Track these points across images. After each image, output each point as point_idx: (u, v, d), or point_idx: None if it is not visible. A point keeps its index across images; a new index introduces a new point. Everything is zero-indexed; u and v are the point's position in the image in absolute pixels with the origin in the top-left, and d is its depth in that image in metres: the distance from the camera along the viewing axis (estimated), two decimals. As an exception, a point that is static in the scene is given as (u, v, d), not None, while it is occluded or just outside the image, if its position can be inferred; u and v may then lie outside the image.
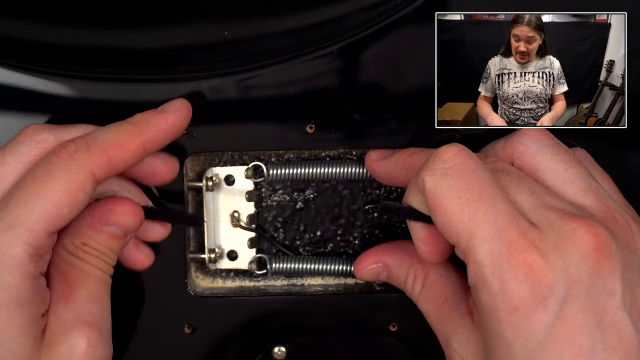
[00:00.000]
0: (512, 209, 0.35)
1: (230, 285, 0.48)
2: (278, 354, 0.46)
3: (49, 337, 0.37)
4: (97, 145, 0.37)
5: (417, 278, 0.41)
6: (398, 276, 0.42)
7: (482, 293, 0.34)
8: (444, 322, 0.39)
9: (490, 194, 0.35)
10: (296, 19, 0.44)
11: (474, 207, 0.34)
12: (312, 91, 0.44)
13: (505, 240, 0.33)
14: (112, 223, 0.40)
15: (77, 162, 0.37)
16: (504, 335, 0.33)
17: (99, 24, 0.43)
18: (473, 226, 0.34)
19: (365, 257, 0.44)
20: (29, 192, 0.36)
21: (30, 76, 0.43)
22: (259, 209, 0.48)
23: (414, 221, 0.38)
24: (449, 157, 0.35)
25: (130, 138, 0.39)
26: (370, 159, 0.44)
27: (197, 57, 0.45)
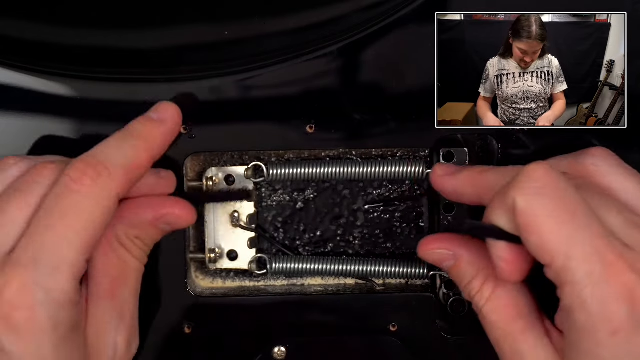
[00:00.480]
0: (605, 229, 0.34)
1: (230, 285, 0.48)
2: (278, 354, 0.46)
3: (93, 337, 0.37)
4: (118, 168, 0.37)
5: (487, 284, 0.39)
6: (465, 273, 0.40)
7: (579, 314, 0.33)
8: (516, 339, 0.37)
9: (584, 214, 0.34)
10: (296, 19, 0.44)
11: (571, 227, 0.34)
12: (312, 91, 0.44)
13: (605, 262, 0.33)
14: (171, 223, 0.40)
15: (102, 188, 0.36)
16: (602, 357, 0.33)
17: (99, 24, 0.43)
18: (570, 247, 0.33)
19: (438, 239, 0.41)
20: (65, 228, 0.35)
21: (30, 76, 0.43)
22: (259, 209, 0.48)
23: (497, 240, 0.37)
24: (539, 176, 0.35)
25: (144, 155, 0.38)
26: (436, 174, 0.42)
27: (197, 57, 0.45)
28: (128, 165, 0.37)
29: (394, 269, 0.47)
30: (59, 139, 0.44)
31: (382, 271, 0.47)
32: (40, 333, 0.34)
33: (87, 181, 0.36)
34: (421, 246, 0.42)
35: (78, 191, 0.35)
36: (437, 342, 0.46)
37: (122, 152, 0.37)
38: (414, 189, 0.48)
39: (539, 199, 0.34)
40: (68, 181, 0.36)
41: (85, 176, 0.36)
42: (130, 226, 0.39)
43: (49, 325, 0.34)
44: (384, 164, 0.46)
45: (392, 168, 0.46)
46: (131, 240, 0.39)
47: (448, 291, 0.47)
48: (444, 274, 0.47)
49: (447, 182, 0.42)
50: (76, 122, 0.44)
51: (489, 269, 0.39)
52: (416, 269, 0.47)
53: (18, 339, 0.33)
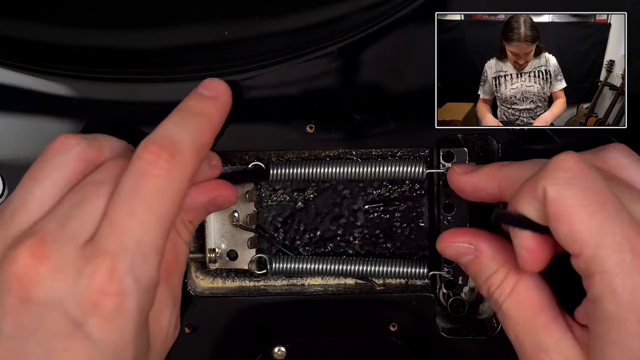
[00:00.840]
0: (633, 219, 0.34)
1: (230, 285, 0.48)
2: (278, 354, 0.46)
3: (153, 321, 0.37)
4: (188, 147, 0.36)
5: (508, 279, 0.39)
6: (485, 268, 0.40)
7: (608, 304, 0.33)
8: (539, 334, 0.37)
9: (614, 204, 0.34)
10: (296, 19, 0.44)
11: (601, 216, 0.34)
12: (312, 91, 0.44)
13: (636, 251, 0.33)
14: (220, 205, 0.41)
15: (178, 170, 0.35)
16: (631, 347, 0.33)
17: (99, 24, 0.43)
18: (601, 236, 0.34)
19: (459, 233, 0.41)
20: (148, 213, 0.34)
21: (30, 76, 0.43)
22: (259, 209, 0.48)
23: (522, 229, 0.37)
24: (570, 166, 0.35)
25: (208, 132, 0.38)
26: (455, 172, 0.42)
27: (197, 57, 0.45)
28: (197, 144, 0.37)
29: (394, 269, 0.47)
30: (59, 139, 0.44)
31: (382, 271, 0.47)
32: (127, 319, 0.33)
33: (163, 164, 0.35)
34: (441, 239, 0.41)
35: (156, 175, 0.35)
36: (437, 342, 0.46)
37: (188, 131, 0.37)
38: (414, 189, 0.48)
39: (570, 189, 0.34)
40: (144, 165, 0.35)
41: (160, 159, 0.35)
42: (186, 210, 0.39)
43: (136, 312, 0.34)
44: (384, 164, 0.46)
45: (392, 168, 0.46)
46: (185, 224, 0.40)
47: (448, 291, 0.47)
48: (444, 274, 0.47)
49: (466, 179, 0.42)
50: (76, 122, 0.44)
51: (510, 264, 0.39)
52: (416, 269, 0.47)
53: (105, 325, 0.33)
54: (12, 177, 0.44)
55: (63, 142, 0.37)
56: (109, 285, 0.33)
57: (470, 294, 0.48)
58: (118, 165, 0.37)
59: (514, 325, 0.38)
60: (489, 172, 0.41)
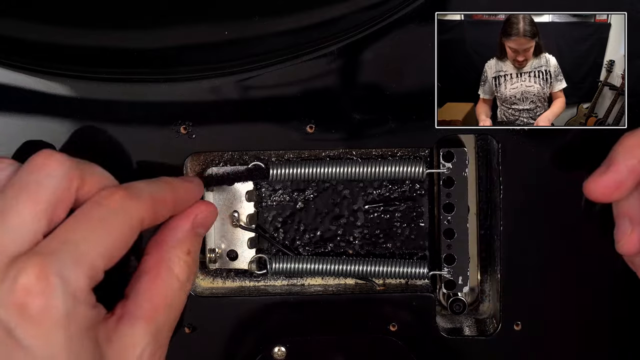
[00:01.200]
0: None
1: (230, 285, 0.48)
2: (278, 354, 0.46)
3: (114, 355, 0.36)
4: (145, 195, 0.38)
5: None
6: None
7: None
8: None
9: None
10: (296, 19, 0.44)
11: None
12: (312, 91, 0.44)
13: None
14: (203, 224, 0.41)
15: (130, 210, 0.37)
16: None
17: (99, 24, 0.43)
18: None
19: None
20: (90, 232, 0.35)
21: (30, 76, 0.43)
22: (259, 209, 0.48)
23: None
24: None
25: (169, 195, 0.39)
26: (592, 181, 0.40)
27: (197, 57, 0.45)
28: (154, 196, 0.38)
29: (394, 269, 0.47)
30: (59, 139, 0.44)
31: (382, 271, 0.47)
32: (54, 324, 0.33)
33: (117, 198, 0.37)
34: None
35: (107, 206, 0.36)
36: (437, 342, 0.46)
37: (149, 187, 0.39)
38: (414, 189, 0.48)
39: None
40: (99, 198, 0.37)
41: (116, 194, 0.37)
42: (178, 244, 0.40)
43: (63, 318, 0.33)
44: (384, 164, 0.46)
45: (392, 168, 0.46)
46: (180, 258, 0.40)
47: (448, 291, 0.47)
48: (444, 274, 0.47)
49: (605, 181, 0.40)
50: (76, 122, 0.44)
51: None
52: (416, 269, 0.47)
53: (31, 327, 0.33)
54: (12, 177, 0.44)
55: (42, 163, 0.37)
56: (35, 284, 0.33)
57: (470, 294, 0.48)
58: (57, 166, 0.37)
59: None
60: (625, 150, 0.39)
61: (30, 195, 0.35)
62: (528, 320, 0.46)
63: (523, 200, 0.45)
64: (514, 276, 0.45)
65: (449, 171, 0.46)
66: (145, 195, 0.38)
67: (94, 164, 0.39)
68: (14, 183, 0.36)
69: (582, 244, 0.45)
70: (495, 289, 0.47)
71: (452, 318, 0.48)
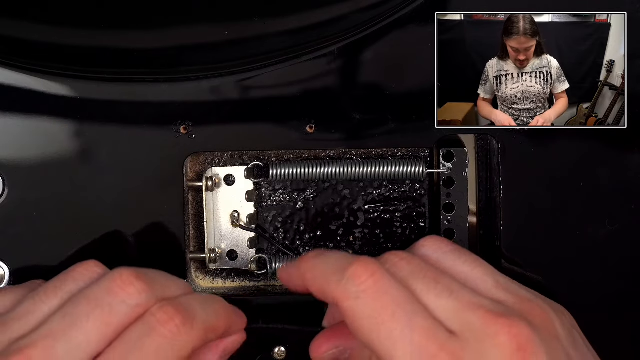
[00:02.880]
0: (429, 322, 0.35)
1: (230, 285, 0.48)
2: (278, 354, 0.46)
3: None
4: (200, 322, 0.37)
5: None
6: (361, 356, 0.40)
7: None
8: None
9: (405, 312, 0.35)
10: (296, 19, 0.44)
11: (389, 327, 0.34)
12: (312, 91, 0.44)
13: (425, 356, 0.34)
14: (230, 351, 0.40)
15: (183, 339, 0.36)
16: None
17: (99, 24, 0.43)
18: (390, 346, 0.34)
19: (323, 341, 0.41)
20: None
21: (30, 76, 0.43)
22: (259, 209, 0.48)
23: None
24: (362, 280, 0.36)
25: (222, 323, 0.39)
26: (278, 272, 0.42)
27: (197, 57, 0.45)
28: (209, 324, 0.37)
29: (394, 269, 0.47)
30: (59, 139, 0.44)
31: (382, 271, 0.47)
32: None
33: (173, 327, 0.35)
34: (313, 352, 0.41)
35: (163, 335, 0.35)
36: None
37: (205, 311, 0.37)
38: (414, 189, 0.48)
39: (360, 302, 0.35)
40: (154, 322, 0.35)
41: (172, 322, 0.35)
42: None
43: None
44: (384, 164, 0.46)
45: (392, 168, 0.46)
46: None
47: (448, 291, 0.47)
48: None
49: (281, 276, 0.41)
50: (76, 122, 0.44)
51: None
52: (416, 269, 0.47)
53: None
54: (12, 177, 0.44)
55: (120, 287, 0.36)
56: None
57: (470, 294, 0.48)
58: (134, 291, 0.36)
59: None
60: (298, 264, 0.40)
61: (104, 317, 0.35)
62: (528, 320, 0.46)
63: (523, 200, 0.45)
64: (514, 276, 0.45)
65: (449, 171, 0.46)
66: (200, 322, 0.36)
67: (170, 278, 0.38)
68: (89, 297, 0.36)
69: (582, 243, 0.45)
70: (495, 289, 0.47)
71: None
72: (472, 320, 0.35)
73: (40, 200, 0.44)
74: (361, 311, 0.35)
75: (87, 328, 0.35)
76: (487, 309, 0.35)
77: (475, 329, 0.35)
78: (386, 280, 0.36)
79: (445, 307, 0.36)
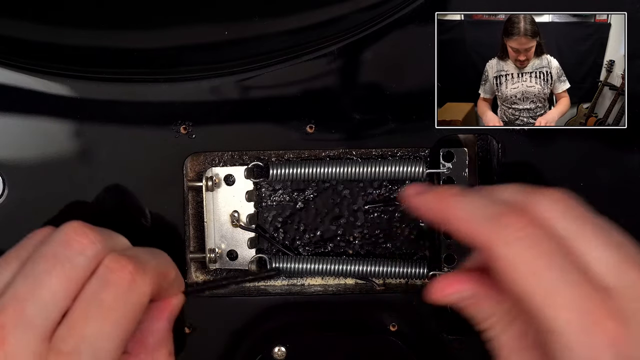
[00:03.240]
0: (584, 276, 0.34)
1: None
2: (278, 354, 0.46)
3: None
4: (152, 271, 0.37)
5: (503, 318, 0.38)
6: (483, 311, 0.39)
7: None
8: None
9: (560, 262, 0.34)
10: (296, 19, 0.44)
11: (545, 276, 0.33)
12: (312, 91, 0.44)
13: (583, 310, 0.33)
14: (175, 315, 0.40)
15: (138, 285, 0.36)
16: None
17: (99, 24, 0.43)
18: (544, 296, 0.33)
19: (455, 282, 0.39)
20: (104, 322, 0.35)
21: (30, 76, 0.43)
22: (259, 209, 0.48)
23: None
24: (520, 226, 0.34)
25: (170, 270, 0.39)
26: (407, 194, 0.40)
27: (197, 57, 0.45)
28: (160, 269, 0.38)
29: (394, 269, 0.47)
30: (59, 139, 0.44)
31: (382, 271, 0.47)
32: None
33: (127, 275, 0.36)
34: (435, 291, 0.39)
35: (119, 284, 0.35)
36: (437, 342, 0.46)
37: (155, 258, 0.38)
38: (414, 189, 0.48)
39: (516, 249, 0.34)
40: (108, 273, 0.36)
41: (125, 269, 0.36)
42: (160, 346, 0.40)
43: None
44: (384, 164, 0.46)
45: (392, 168, 0.46)
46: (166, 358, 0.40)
47: (448, 291, 0.47)
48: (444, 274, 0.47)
49: (418, 201, 0.40)
50: (76, 122, 0.44)
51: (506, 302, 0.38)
52: (416, 269, 0.47)
53: None
54: (12, 177, 0.44)
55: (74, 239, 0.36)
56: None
57: (470, 294, 0.48)
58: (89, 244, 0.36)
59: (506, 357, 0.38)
60: (439, 198, 0.39)
61: (65, 272, 0.35)
62: (528, 320, 0.46)
63: (523, 200, 0.45)
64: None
65: (449, 171, 0.46)
66: (151, 268, 0.37)
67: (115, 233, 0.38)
68: (46, 254, 0.36)
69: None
70: (495, 289, 0.47)
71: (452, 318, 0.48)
72: (628, 275, 0.34)
73: (40, 200, 0.44)
74: (515, 258, 0.34)
75: (50, 285, 0.35)
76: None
77: (634, 284, 0.33)
78: (543, 229, 0.35)
79: (603, 260, 0.34)
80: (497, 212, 0.35)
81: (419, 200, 0.39)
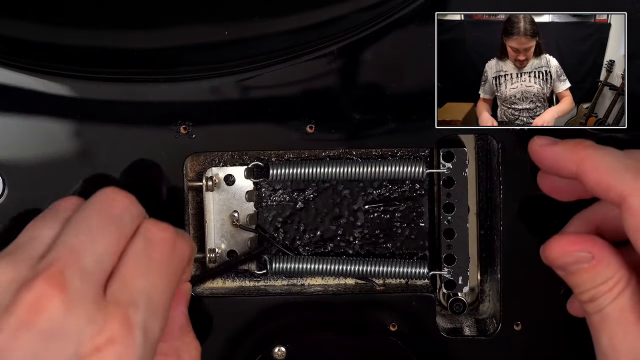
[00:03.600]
0: None
1: (230, 285, 0.48)
2: (278, 354, 0.46)
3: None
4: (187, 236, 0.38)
5: (619, 284, 0.37)
6: (600, 275, 0.37)
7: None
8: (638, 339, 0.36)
9: None
10: (296, 19, 0.44)
11: None
12: (312, 91, 0.44)
13: None
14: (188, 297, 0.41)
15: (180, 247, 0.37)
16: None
17: (99, 24, 0.43)
18: None
19: (577, 241, 0.37)
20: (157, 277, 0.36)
21: (30, 76, 0.43)
22: (259, 209, 0.48)
23: None
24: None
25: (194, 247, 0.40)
26: (536, 144, 0.40)
27: (197, 57, 0.45)
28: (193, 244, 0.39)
29: (394, 269, 0.47)
30: (59, 139, 0.44)
31: (382, 271, 0.47)
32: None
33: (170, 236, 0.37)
34: (552, 248, 0.38)
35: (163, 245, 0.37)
36: (437, 342, 0.46)
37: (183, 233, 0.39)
38: (414, 189, 0.48)
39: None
40: (151, 234, 0.37)
41: (167, 231, 0.37)
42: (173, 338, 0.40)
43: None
44: (384, 164, 0.46)
45: (392, 168, 0.46)
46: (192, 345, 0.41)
47: (448, 291, 0.47)
48: (444, 274, 0.47)
49: (549, 152, 0.39)
50: (76, 122, 0.44)
51: (623, 270, 0.37)
52: (416, 269, 0.47)
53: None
54: (12, 177, 0.44)
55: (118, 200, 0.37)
56: (119, 334, 0.33)
57: (470, 294, 0.48)
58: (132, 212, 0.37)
59: (613, 327, 0.36)
60: (572, 148, 0.38)
61: (117, 227, 0.36)
62: (528, 320, 0.46)
63: (523, 200, 0.45)
64: (514, 276, 0.45)
65: (449, 171, 0.46)
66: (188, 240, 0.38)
67: None
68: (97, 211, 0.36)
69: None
70: (495, 289, 0.47)
71: (452, 318, 0.48)
72: None
73: (40, 200, 0.44)
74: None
75: (103, 239, 0.35)
76: None
77: None
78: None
79: None
80: (636, 163, 0.35)
81: (549, 151, 0.39)
